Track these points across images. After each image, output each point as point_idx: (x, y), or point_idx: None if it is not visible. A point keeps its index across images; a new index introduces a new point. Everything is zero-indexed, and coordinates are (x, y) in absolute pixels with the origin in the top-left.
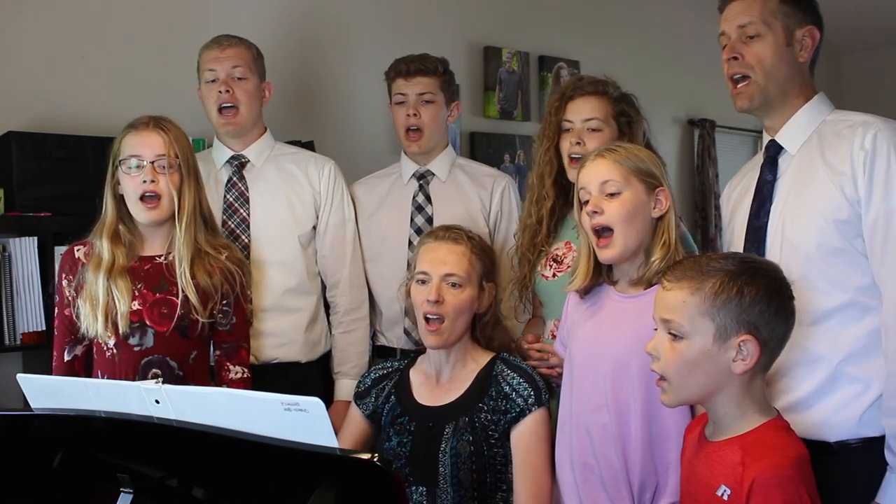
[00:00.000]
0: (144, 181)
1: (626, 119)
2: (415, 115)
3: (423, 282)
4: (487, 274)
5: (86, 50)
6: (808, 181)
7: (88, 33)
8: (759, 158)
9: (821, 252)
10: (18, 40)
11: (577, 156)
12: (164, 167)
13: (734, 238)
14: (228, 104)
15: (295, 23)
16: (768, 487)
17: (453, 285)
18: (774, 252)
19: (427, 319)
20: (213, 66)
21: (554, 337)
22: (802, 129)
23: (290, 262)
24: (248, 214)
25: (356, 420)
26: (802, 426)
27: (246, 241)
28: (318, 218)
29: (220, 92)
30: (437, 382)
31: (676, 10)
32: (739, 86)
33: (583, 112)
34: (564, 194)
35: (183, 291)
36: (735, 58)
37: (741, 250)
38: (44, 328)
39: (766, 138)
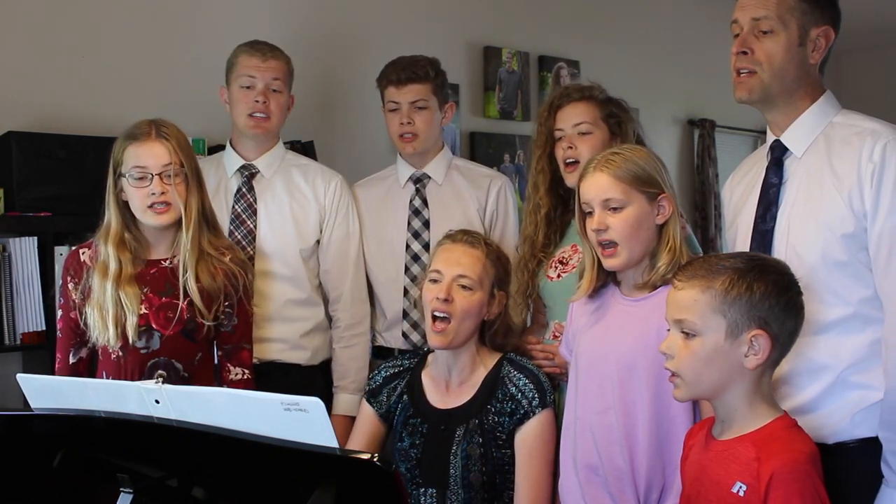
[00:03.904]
0: (153, 193)
1: (615, 120)
2: (408, 122)
3: (436, 280)
4: (500, 282)
5: (86, 50)
6: (814, 189)
7: (88, 33)
8: (762, 154)
9: (826, 264)
10: (18, 40)
11: (571, 160)
12: (170, 176)
13: (738, 238)
14: (262, 114)
15: (295, 23)
16: (787, 481)
17: (464, 287)
18: (779, 258)
19: (434, 318)
20: (253, 73)
21: (555, 338)
22: (808, 131)
23: (294, 275)
24: (255, 226)
25: (369, 419)
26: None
27: (251, 252)
28: (321, 232)
29: (256, 101)
30: (447, 386)
31: (677, 11)
32: (742, 75)
33: (571, 118)
34: (563, 202)
35: (188, 296)
36: (744, 52)
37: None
38: (44, 328)
39: (769, 137)
